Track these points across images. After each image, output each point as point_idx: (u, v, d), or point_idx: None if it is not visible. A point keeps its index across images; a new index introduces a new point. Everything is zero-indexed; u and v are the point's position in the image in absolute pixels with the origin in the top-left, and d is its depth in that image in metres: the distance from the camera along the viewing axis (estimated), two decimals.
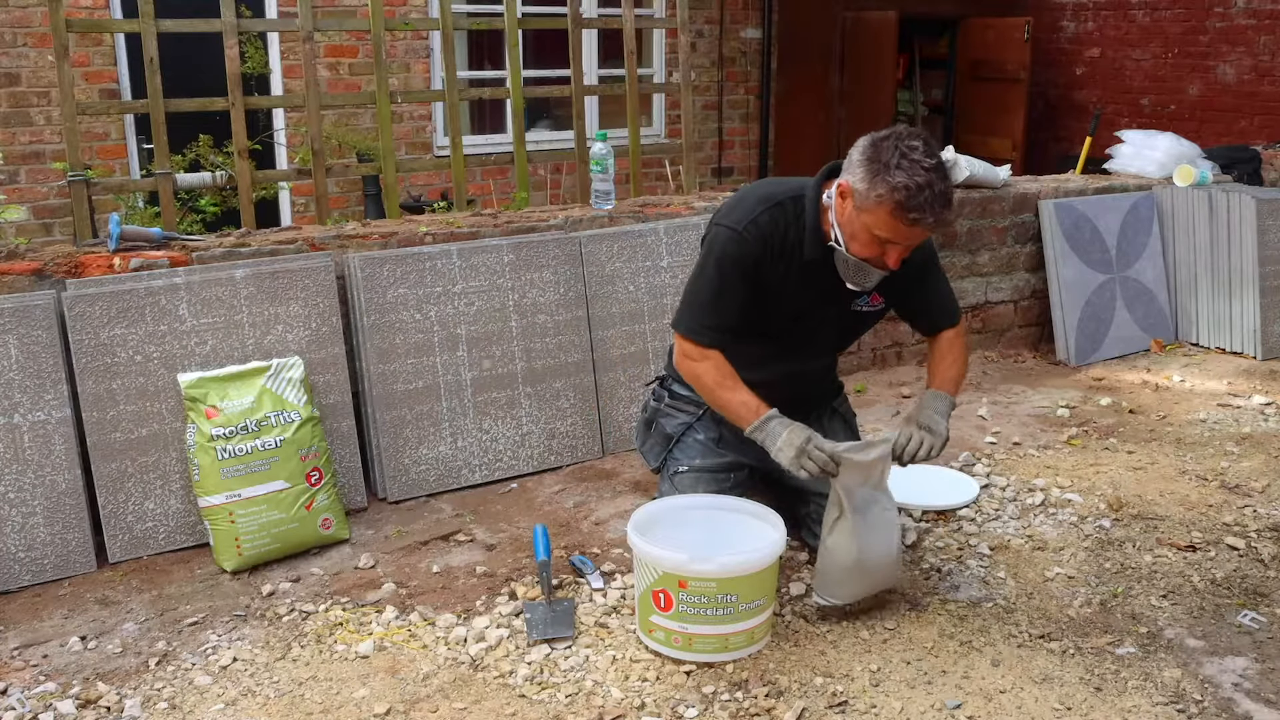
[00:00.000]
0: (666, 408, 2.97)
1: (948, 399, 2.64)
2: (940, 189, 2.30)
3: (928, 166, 2.29)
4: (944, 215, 2.33)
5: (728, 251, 2.54)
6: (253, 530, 2.79)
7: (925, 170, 2.28)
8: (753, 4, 8.27)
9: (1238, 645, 2.45)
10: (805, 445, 2.45)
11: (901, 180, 2.28)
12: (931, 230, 2.38)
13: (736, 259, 2.54)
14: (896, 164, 2.29)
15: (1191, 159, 5.11)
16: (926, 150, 2.32)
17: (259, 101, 4.58)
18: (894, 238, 2.37)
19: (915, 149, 2.31)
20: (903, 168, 2.29)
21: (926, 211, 2.29)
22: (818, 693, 2.26)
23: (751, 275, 2.55)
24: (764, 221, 2.54)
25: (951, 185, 2.36)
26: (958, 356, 2.75)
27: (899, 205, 2.30)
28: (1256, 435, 3.76)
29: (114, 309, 2.86)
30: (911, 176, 2.28)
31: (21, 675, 2.36)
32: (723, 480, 2.84)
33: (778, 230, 2.55)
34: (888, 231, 2.36)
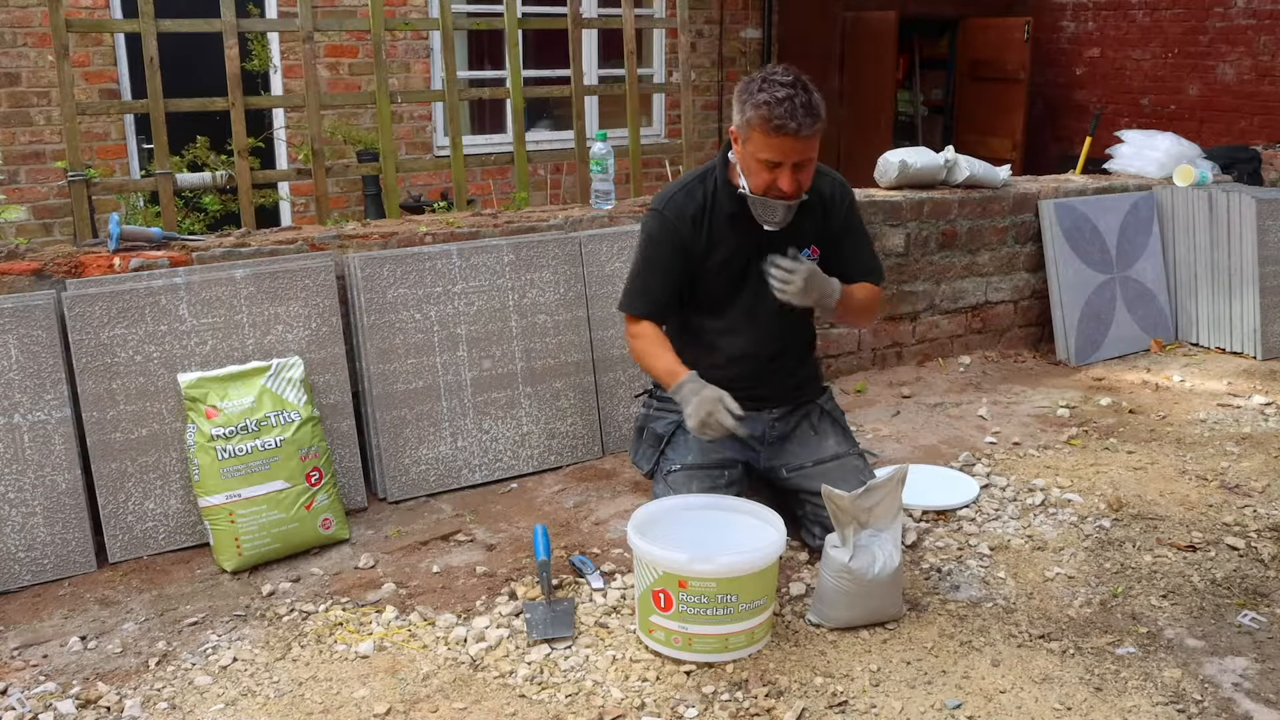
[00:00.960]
0: (655, 412, 3.04)
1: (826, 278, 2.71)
2: (802, 100, 2.52)
3: (785, 82, 2.54)
4: (808, 121, 2.52)
5: (650, 231, 2.84)
6: (253, 530, 2.79)
7: (783, 85, 2.53)
8: (753, 4, 8.27)
9: (1238, 645, 2.45)
10: (714, 408, 2.58)
11: (763, 98, 2.53)
12: (801, 137, 2.52)
13: (658, 236, 2.81)
14: (759, 88, 2.55)
15: (1191, 159, 5.11)
16: (786, 72, 2.57)
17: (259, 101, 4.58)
18: (774, 155, 2.57)
19: (775, 74, 2.57)
20: (764, 89, 2.54)
21: (789, 118, 2.50)
22: (818, 693, 2.26)
23: (676, 248, 2.79)
24: (680, 198, 2.80)
25: (816, 98, 2.56)
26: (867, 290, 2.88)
27: (764, 119, 2.52)
28: (1256, 435, 3.76)
29: (114, 309, 2.86)
30: (771, 93, 2.52)
31: (21, 675, 2.36)
32: (716, 477, 2.84)
33: (694, 200, 2.79)
34: (767, 151, 2.57)
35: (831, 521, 2.48)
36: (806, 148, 2.58)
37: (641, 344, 2.84)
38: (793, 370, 2.97)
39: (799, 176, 2.61)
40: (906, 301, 4.52)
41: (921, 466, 3.40)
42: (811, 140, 2.57)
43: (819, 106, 2.56)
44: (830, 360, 4.36)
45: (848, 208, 2.88)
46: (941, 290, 4.62)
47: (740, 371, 2.87)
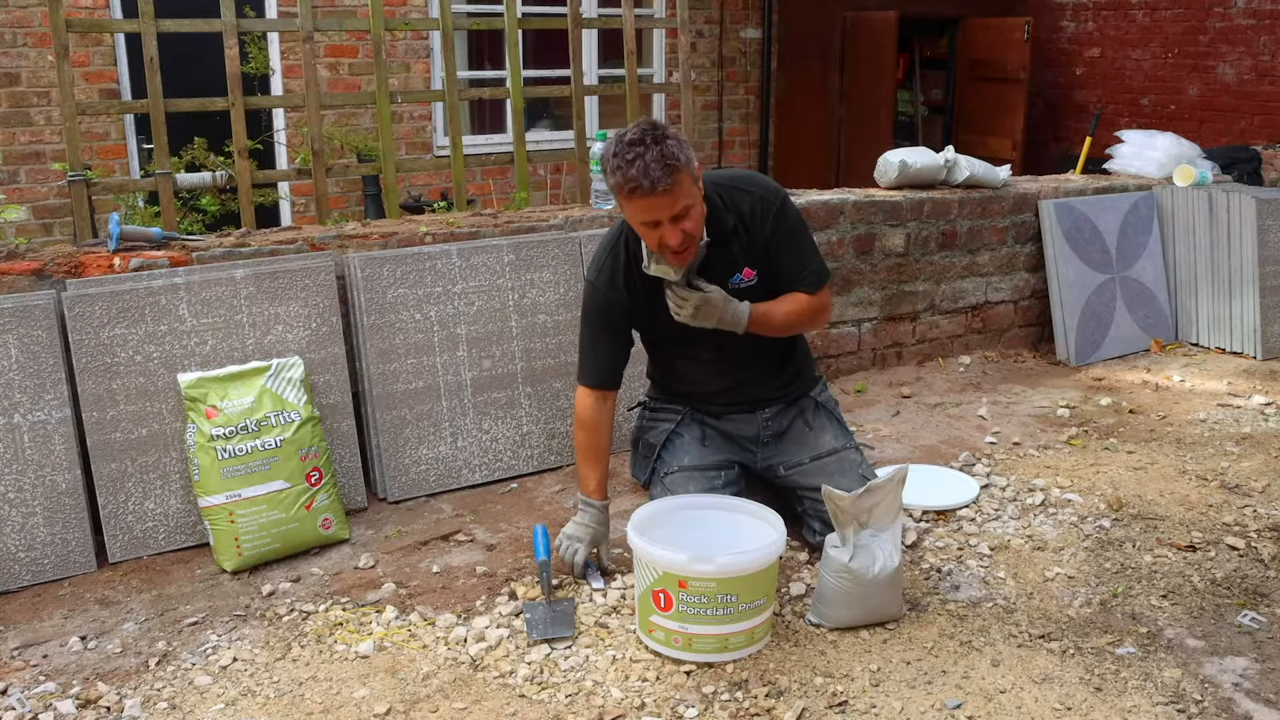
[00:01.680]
0: (648, 423, 3.08)
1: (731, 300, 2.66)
2: (652, 155, 2.42)
3: (634, 140, 2.45)
4: (661, 175, 2.42)
5: (587, 304, 2.84)
6: (253, 530, 2.79)
7: (632, 145, 2.44)
8: (753, 4, 8.27)
9: (1238, 645, 2.45)
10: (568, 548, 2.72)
11: (616, 163, 2.47)
12: (659, 192, 2.45)
13: (594, 308, 2.81)
14: (612, 155, 2.49)
15: (1191, 159, 5.11)
16: (636, 130, 2.48)
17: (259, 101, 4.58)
18: (646, 216, 2.50)
19: (624, 135, 2.49)
20: (617, 153, 2.47)
21: (642, 177, 2.42)
22: (818, 693, 2.26)
23: (613, 316, 2.79)
24: (607, 264, 2.77)
25: (668, 148, 2.44)
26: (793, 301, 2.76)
27: (620, 186, 2.48)
28: (1256, 435, 3.76)
29: (114, 309, 2.86)
30: (623, 157, 2.45)
31: (21, 675, 2.36)
32: (713, 478, 2.85)
33: (619, 265, 2.76)
34: (640, 213, 2.51)
35: (831, 520, 2.49)
36: (674, 200, 2.46)
37: (580, 425, 2.81)
38: (776, 372, 2.95)
39: (683, 226, 2.51)
40: (906, 301, 4.52)
41: (921, 466, 3.40)
42: (675, 191, 2.45)
43: (674, 154, 2.44)
44: (830, 360, 4.36)
45: (773, 218, 2.74)
46: (941, 290, 4.62)
47: (721, 386, 2.92)
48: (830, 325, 4.28)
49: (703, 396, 2.97)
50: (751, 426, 2.94)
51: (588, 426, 2.79)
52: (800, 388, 3.00)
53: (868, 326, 4.45)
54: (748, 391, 2.93)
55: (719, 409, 2.96)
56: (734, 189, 2.74)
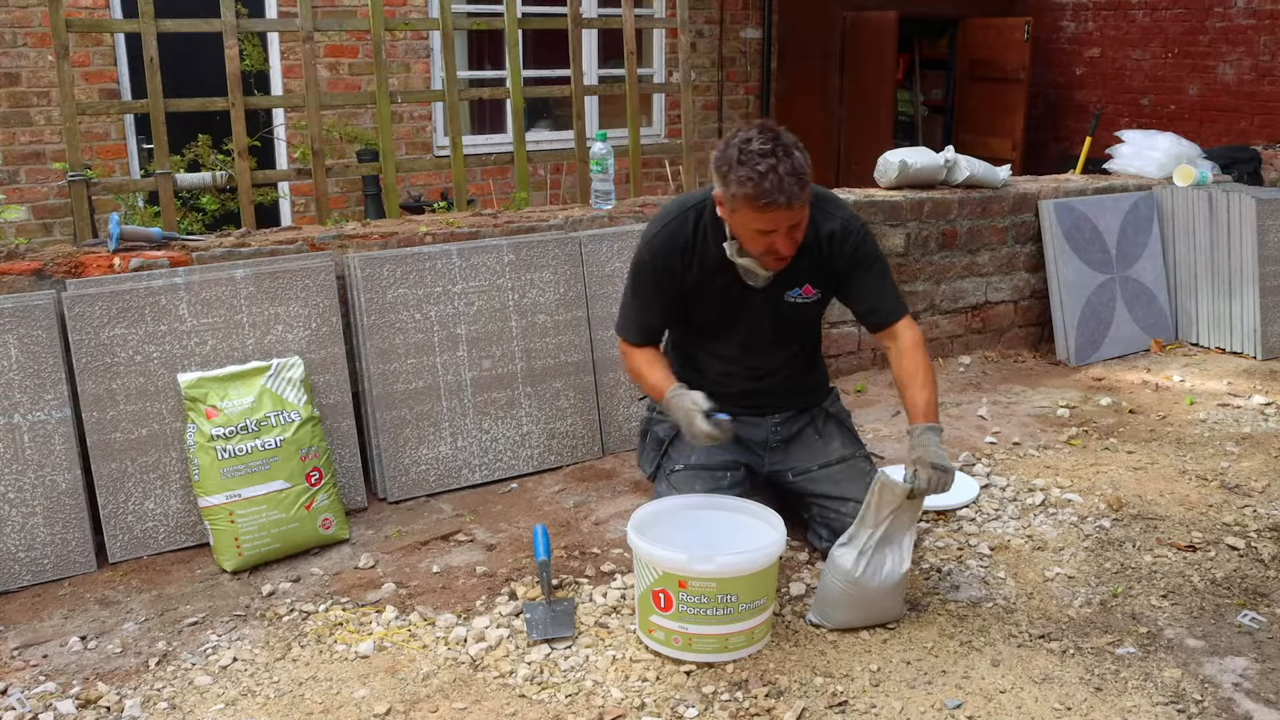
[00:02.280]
0: (658, 415, 3.05)
1: (939, 430, 2.59)
2: (786, 168, 2.39)
3: (765, 152, 2.40)
4: (796, 190, 2.41)
5: (640, 259, 2.78)
6: (253, 530, 2.79)
7: (764, 156, 2.40)
8: (753, 4, 8.27)
9: (1238, 645, 2.45)
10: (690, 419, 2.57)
11: (745, 173, 2.41)
12: (793, 207, 2.43)
13: (646, 265, 2.76)
14: (739, 159, 2.42)
15: (1191, 159, 5.11)
16: (763, 137, 2.43)
17: (259, 101, 4.58)
18: (766, 226, 2.48)
19: (751, 140, 2.43)
20: (744, 161, 2.41)
21: (777, 193, 2.39)
22: (818, 693, 2.26)
23: (664, 278, 2.74)
24: (673, 227, 2.72)
25: (799, 160, 2.42)
26: (926, 374, 2.68)
27: (750, 197, 2.42)
28: (1256, 435, 3.76)
29: (114, 309, 2.86)
30: (753, 167, 2.40)
31: (21, 675, 2.36)
32: (719, 478, 2.85)
33: (684, 234, 2.72)
34: (758, 223, 2.48)
35: (838, 522, 2.48)
36: (799, 212, 2.48)
37: (634, 361, 2.83)
38: (796, 381, 2.97)
39: (794, 235, 2.53)
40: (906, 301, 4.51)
41: None
42: (804, 202, 2.46)
43: (804, 167, 2.42)
44: (830, 360, 4.36)
45: (854, 246, 2.73)
46: (941, 290, 4.62)
47: (740, 388, 2.90)
48: (830, 325, 4.27)
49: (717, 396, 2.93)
50: (760, 431, 2.94)
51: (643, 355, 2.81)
52: (813, 399, 3.01)
53: None
54: (763, 398, 2.92)
55: (731, 410, 2.94)
56: (819, 208, 2.70)
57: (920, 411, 2.62)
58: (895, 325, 2.76)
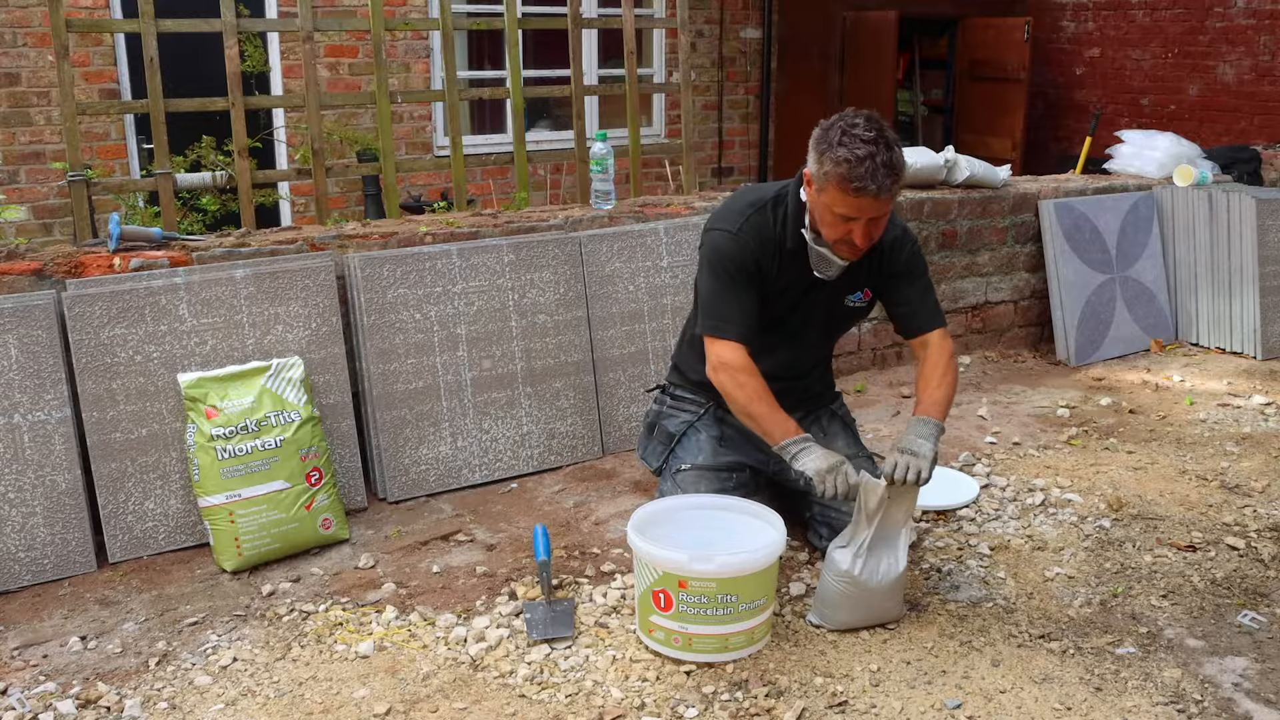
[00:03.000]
0: (669, 409, 3.03)
1: (933, 424, 2.58)
2: (883, 159, 2.41)
3: (867, 139, 2.42)
4: (888, 183, 2.43)
5: (727, 252, 2.68)
6: (253, 530, 2.79)
7: (865, 143, 2.41)
8: (753, 4, 8.27)
9: (1238, 645, 2.45)
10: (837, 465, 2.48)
11: (843, 154, 2.42)
12: (881, 198, 2.44)
13: (735, 257, 2.67)
14: (839, 140, 2.44)
15: (1191, 159, 5.11)
16: (868, 125, 2.45)
17: (259, 101, 4.58)
18: (850, 212, 2.48)
19: (856, 125, 2.45)
20: (844, 143, 2.43)
21: (869, 179, 2.41)
22: (818, 693, 2.26)
23: (752, 271, 2.68)
24: (756, 220, 2.69)
25: (897, 155, 2.45)
26: (944, 376, 2.69)
27: (843, 178, 2.43)
28: (1256, 435, 3.76)
29: (114, 309, 2.86)
30: (852, 150, 2.41)
31: (21, 675, 2.36)
32: (725, 479, 2.85)
33: (767, 227, 2.69)
34: (843, 206, 2.48)
35: (839, 521, 2.48)
36: (884, 205, 2.49)
37: (745, 391, 2.60)
38: (814, 383, 3.00)
39: (872, 230, 2.53)
40: None
41: None
42: (892, 198, 2.48)
43: (900, 165, 2.45)
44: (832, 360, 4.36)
45: (908, 256, 2.76)
46: (941, 290, 4.61)
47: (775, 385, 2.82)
48: None
49: None
50: None
51: (752, 372, 2.62)
52: (823, 400, 3.04)
53: (867, 327, 4.45)
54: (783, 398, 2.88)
55: None
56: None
57: (924, 406, 2.63)
58: (930, 334, 2.76)
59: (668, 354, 3.64)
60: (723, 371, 2.65)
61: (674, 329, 3.66)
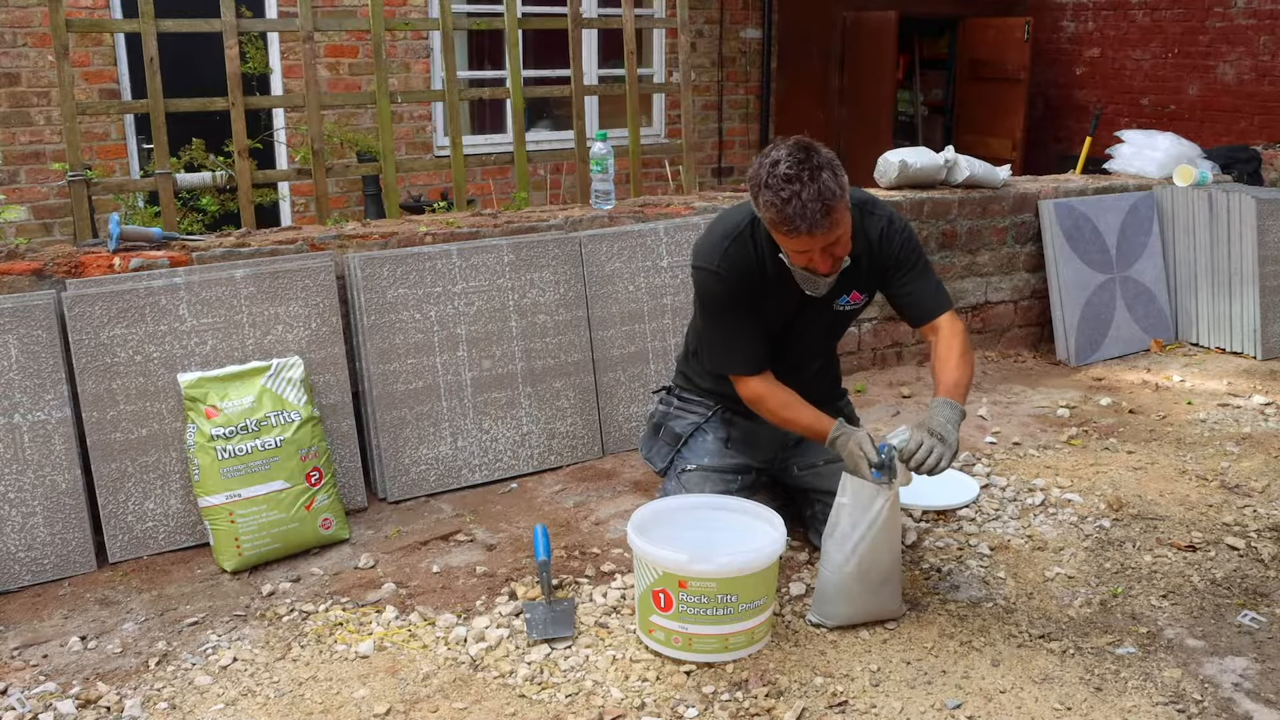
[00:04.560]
0: (676, 410, 3.03)
1: (957, 408, 2.54)
2: (809, 194, 2.32)
3: (789, 176, 2.33)
4: (820, 217, 2.34)
5: (717, 293, 2.67)
6: (253, 530, 2.79)
7: (787, 181, 2.33)
8: (753, 4, 8.27)
9: (1238, 645, 2.45)
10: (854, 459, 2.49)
11: (769, 197, 2.37)
12: (818, 233, 2.38)
13: (724, 295, 2.66)
14: (765, 182, 2.38)
15: (1191, 159, 5.11)
16: (789, 159, 2.35)
17: (259, 101, 4.58)
18: (801, 248, 2.45)
19: (778, 163, 2.36)
20: (770, 185, 2.36)
21: (799, 219, 2.34)
22: (818, 693, 2.26)
23: (745, 303, 2.66)
24: (733, 253, 2.64)
25: (826, 184, 2.33)
26: (961, 358, 2.66)
27: (774, 223, 2.41)
28: (1256, 435, 3.76)
29: (114, 309, 2.86)
30: (777, 192, 2.35)
31: (21, 675, 2.36)
32: (730, 481, 2.85)
33: (747, 257, 2.64)
34: (789, 244, 2.45)
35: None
36: (829, 234, 2.41)
37: (768, 401, 2.67)
38: (816, 387, 2.96)
39: (833, 252, 2.48)
40: None
41: None
42: (830, 229, 2.39)
43: (831, 191, 2.34)
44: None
45: (900, 245, 2.70)
46: None
47: None
48: None
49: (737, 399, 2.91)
50: (779, 432, 2.93)
51: (779, 385, 2.68)
52: (830, 398, 3.01)
53: (867, 326, 4.45)
54: None
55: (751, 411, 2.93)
56: (865, 214, 2.68)
57: (945, 387, 2.59)
58: (938, 319, 2.72)
59: (668, 354, 3.64)
60: (761, 406, 2.70)
61: (674, 329, 3.66)
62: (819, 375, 2.98)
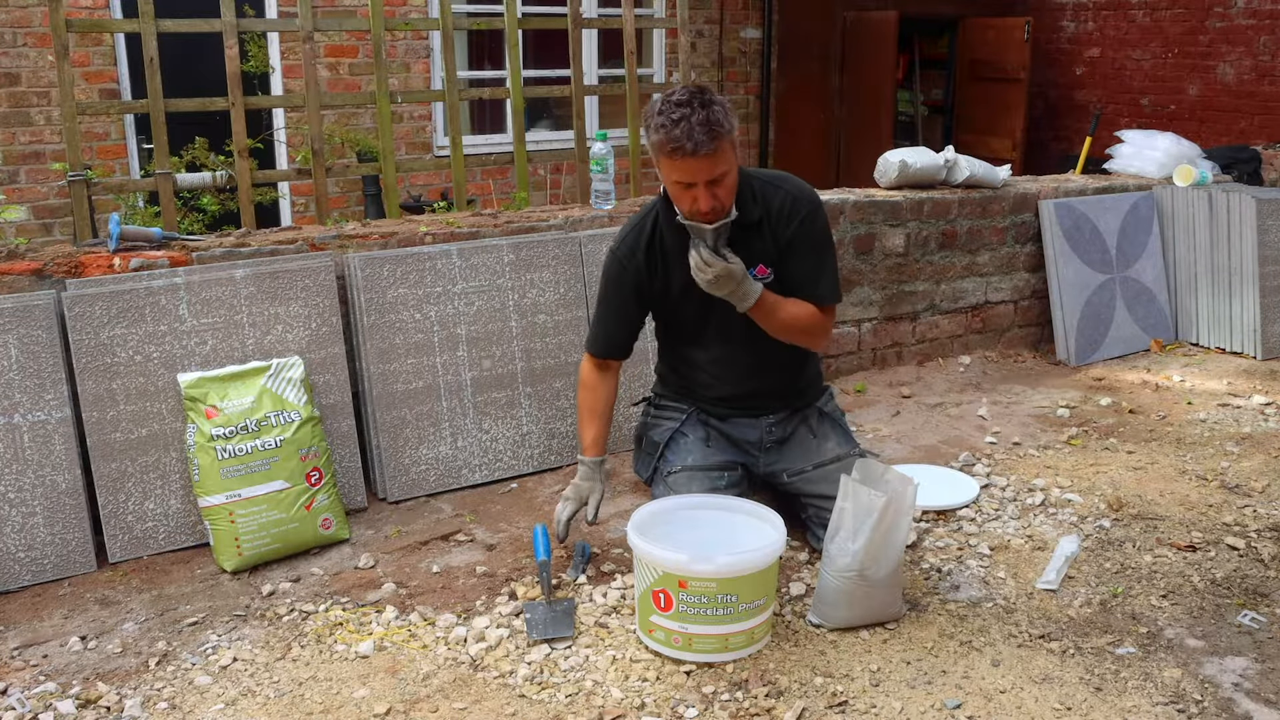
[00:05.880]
0: (653, 419, 3.08)
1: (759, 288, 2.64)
2: (699, 118, 2.43)
3: (681, 101, 2.46)
4: (705, 139, 2.44)
5: (606, 272, 2.86)
6: (253, 530, 2.79)
7: (679, 105, 2.46)
8: (753, 4, 8.27)
9: (1238, 645, 2.45)
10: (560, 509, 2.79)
11: (660, 120, 2.48)
12: (701, 155, 2.45)
13: (613, 276, 2.83)
14: (658, 110, 2.50)
15: (1191, 159, 5.11)
16: (684, 91, 2.50)
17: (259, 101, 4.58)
18: (683, 177, 2.51)
19: (673, 94, 2.51)
20: (662, 111, 2.48)
21: (685, 139, 2.43)
22: (818, 693, 2.26)
23: (630, 286, 2.80)
24: (631, 236, 2.80)
25: (715, 113, 2.46)
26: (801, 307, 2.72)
27: (662, 144, 2.48)
28: (1256, 435, 3.76)
29: (114, 309, 2.86)
30: (668, 115, 2.46)
31: (21, 675, 2.36)
32: (716, 478, 2.85)
33: (643, 234, 2.77)
34: (675, 173, 2.52)
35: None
36: (713, 165, 2.48)
37: (580, 398, 2.92)
38: (791, 379, 2.95)
39: (716, 192, 2.52)
40: (906, 301, 4.52)
41: (921, 466, 3.40)
42: (715, 156, 2.47)
43: (719, 121, 2.45)
44: (830, 360, 4.36)
45: (799, 221, 2.71)
46: (941, 290, 4.62)
47: (733, 391, 2.91)
48: None
49: (709, 400, 2.97)
50: (755, 431, 2.95)
51: (588, 386, 2.89)
52: (807, 398, 3.00)
53: (868, 326, 4.45)
54: (756, 399, 2.92)
55: (724, 412, 2.96)
56: (769, 185, 2.74)
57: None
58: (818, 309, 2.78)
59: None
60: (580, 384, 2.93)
61: None
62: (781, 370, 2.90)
